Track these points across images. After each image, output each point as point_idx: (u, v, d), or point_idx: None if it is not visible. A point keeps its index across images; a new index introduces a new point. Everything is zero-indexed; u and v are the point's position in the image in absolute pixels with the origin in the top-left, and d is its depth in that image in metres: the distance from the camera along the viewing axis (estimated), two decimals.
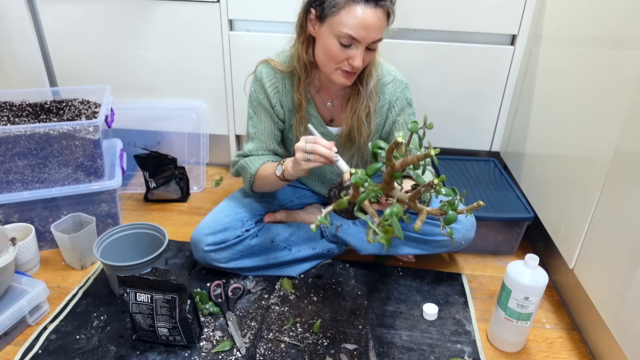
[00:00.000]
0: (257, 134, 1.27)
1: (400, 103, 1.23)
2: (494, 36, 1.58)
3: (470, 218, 1.27)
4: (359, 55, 1.05)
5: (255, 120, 1.26)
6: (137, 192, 1.72)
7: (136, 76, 1.74)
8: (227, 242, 1.24)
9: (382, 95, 1.22)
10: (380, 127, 1.27)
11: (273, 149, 1.29)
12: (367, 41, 1.04)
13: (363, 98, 1.18)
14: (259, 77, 1.23)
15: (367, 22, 1.01)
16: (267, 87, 1.22)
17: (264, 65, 1.23)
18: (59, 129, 1.26)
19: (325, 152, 1.00)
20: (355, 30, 1.02)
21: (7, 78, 1.74)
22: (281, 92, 1.23)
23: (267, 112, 1.25)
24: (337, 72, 1.10)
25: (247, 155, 1.27)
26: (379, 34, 1.05)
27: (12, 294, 1.12)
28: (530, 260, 1.01)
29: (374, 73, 1.18)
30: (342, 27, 1.02)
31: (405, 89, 1.24)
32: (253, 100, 1.25)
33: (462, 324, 1.18)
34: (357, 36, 1.02)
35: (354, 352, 1.08)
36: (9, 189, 1.29)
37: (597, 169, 1.06)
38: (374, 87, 1.19)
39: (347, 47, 1.05)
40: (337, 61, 1.07)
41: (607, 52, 1.08)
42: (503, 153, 1.73)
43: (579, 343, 1.16)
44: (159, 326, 1.03)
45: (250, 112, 1.27)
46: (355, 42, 1.04)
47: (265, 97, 1.23)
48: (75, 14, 1.63)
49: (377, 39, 1.05)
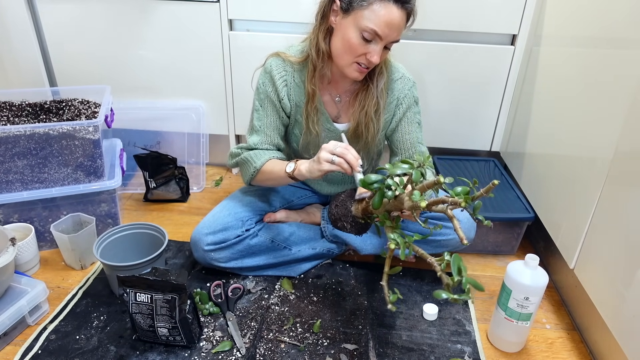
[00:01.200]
0: (262, 127, 1.26)
1: (407, 100, 1.24)
2: (494, 36, 1.58)
3: (470, 218, 1.27)
4: (378, 51, 1.07)
5: (261, 113, 1.26)
6: (137, 192, 1.72)
7: (136, 76, 1.74)
8: (227, 241, 1.24)
9: (391, 92, 1.24)
10: (388, 124, 1.28)
11: (277, 144, 1.28)
12: (388, 39, 1.06)
13: (373, 95, 1.19)
14: (268, 70, 1.23)
15: (393, 20, 1.03)
16: (276, 79, 1.22)
17: (274, 57, 1.23)
18: (59, 129, 1.26)
19: (352, 160, 1.04)
20: (381, 27, 1.03)
21: (7, 78, 1.74)
22: (290, 85, 1.23)
23: (273, 105, 1.24)
24: (352, 66, 1.11)
25: (251, 148, 1.26)
26: (399, 34, 1.08)
27: (12, 294, 1.12)
28: (531, 260, 1.01)
29: (384, 71, 1.20)
30: (368, 22, 1.04)
31: (413, 86, 1.25)
32: (261, 92, 1.25)
33: (462, 324, 1.18)
34: (382, 33, 1.04)
35: (354, 352, 1.08)
36: (9, 189, 1.29)
37: (597, 168, 1.06)
38: (384, 85, 1.20)
39: (368, 42, 1.06)
40: (355, 54, 1.08)
41: (607, 52, 1.08)
42: (503, 153, 1.73)
43: (579, 343, 1.15)
44: (159, 326, 1.03)
45: (257, 105, 1.26)
46: (377, 39, 1.06)
47: (273, 90, 1.23)
48: (75, 14, 1.63)
49: (396, 39, 1.08)
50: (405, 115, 1.25)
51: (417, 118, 1.27)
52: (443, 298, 0.80)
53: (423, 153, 1.27)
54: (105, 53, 1.70)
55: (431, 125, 1.73)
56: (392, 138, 1.29)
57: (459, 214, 1.25)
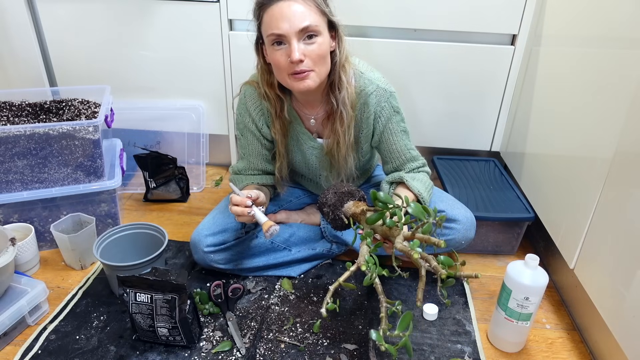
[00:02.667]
0: (245, 155, 1.30)
1: (386, 112, 1.20)
2: (494, 36, 1.58)
3: (470, 217, 1.27)
4: (294, 49, 1.03)
5: (242, 141, 1.29)
6: (137, 192, 1.72)
7: (136, 76, 1.74)
8: (227, 243, 1.24)
9: (367, 106, 1.19)
10: (369, 137, 1.26)
11: (262, 168, 1.31)
12: (292, 32, 1.02)
13: (337, 107, 1.15)
14: (243, 101, 1.24)
15: (283, 14, 1.01)
16: (252, 110, 1.23)
17: (248, 86, 1.23)
18: (59, 129, 1.26)
19: (237, 211, 1.08)
20: (276, 26, 1.02)
21: (7, 78, 1.74)
22: (266, 114, 1.23)
23: (253, 135, 1.26)
24: (290, 80, 1.08)
25: (237, 173, 1.32)
26: (303, 21, 1.02)
27: (12, 294, 1.12)
28: (531, 260, 1.01)
29: (343, 78, 1.13)
30: (267, 32, 1.05)
31: (390, 97, 1.19)
32: (239, 123, 1.27)
33: (462, 324, 1.18)
34: (279, 30, 1.02)
35: (354, 352, 1.08)
36: (9, 189, 1.29)
37: (597, 169, 1.06)
38: (349, 96, 1.15)
39: (282, 49, 1.05)
40: (283, 67, 1.06)
41: (607, 52, 1.08)
42: (503, 153, 1.73)
43: (579, 343, 1.15)
44: (159, 326, 1.03)
45: (238, 134, 1.29)
46: (283, 37, 1.03)
47: (250, 121, 1.24)
48: (75, 14, 1.63)
49: (302, 27, 1.02)
50: (387, 127, 1.21)
51: (400, 127, 1.23)
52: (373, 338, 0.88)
53: (415, 157, 1.26)
54: (105, 53, 1.70)
55: (431, 126, 1.73)
56: (379, 149, 1.29)
57: (460, 214, 1.25)
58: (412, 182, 1.21)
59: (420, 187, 1.21)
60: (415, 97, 1.68)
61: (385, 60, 1.59)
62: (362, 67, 1.19)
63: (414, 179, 1.23)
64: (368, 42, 1.59)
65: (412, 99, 1.67)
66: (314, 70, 1.06)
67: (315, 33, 1.04)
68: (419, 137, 1.71)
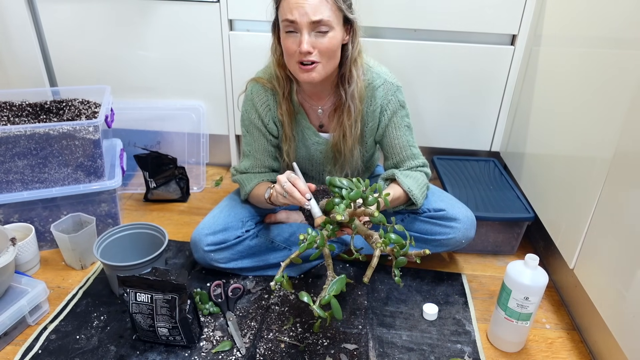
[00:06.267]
0: (251, 152, 1.29)
1: (392, 106, 1.21)
2: (494, 36, 1.58)
3: (470, 216, 1.27)
4: (304, 39, 1.04)
5: (248, 138, 1.28)
6: (137, 192, 1.72)
7: (136, 76, 1.74)
8: (227, 242, 1.24)
9: (374, 99, 1.21)
10: (374, 131, 1.27)
11: (269, 165, 1.31)
12: (304, 21, 1.02)
13: (346, 102, 1.17)
14: (250, 97, 1.24)
15: (299, 3, 1.02)
16: (259, 106, 1.23)
17: (254, 83, 1.24)
18: (59, 129, 1.26)
19: (297, 197, 1.05)
20: (292, 12, 1.02)
21: (7, 78, 1.74)
22: (273, 109, 1.23)
23: (259, 131, 1.26)
24: (297, 69, 1.09)
25: (243, 172, 1.30)
26: (318, 14, 1.02)
27: (12, 294, 1.12)
28: (530, 260, 1.01)
29: (354, 72, 1.14)
30: (282, 16, 1.05)
31: (397, 91, 1.22)
32: (245, 119, 1.27)
33: (462, 324, 1.18)
34: (293, 17, 1.03)
35: (354, 352, 1.08)
36: (9, 189, 1.29)
37: (597, 169, 1.06)
38: (358, 90, 1.16)
39: (294, 36, 1.05)
40: (292, 54, 1.07)
41: (607, 52, 1.08)
42: (503, 153, 1.73)
43: (579, 343, 1.16)
44: (159, 326, 1.03)
45: (243, 131, 1.29)
46: (295, 26, 1.04)
47: (257, 117, 1.24)
48: (75, 14, 1.63)
49: (316, 19, 1.02)
50: (392, 121, 1.23)
51: (405, 122, 1.24)
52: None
53: (415, 155, 1.27)
54: (105, 53, 1.70)
55: (431, 126, 1.73)
56: (381, 143, 1.29)
57: (460, 213, 1.25)
58: (404, 179, 1.22)
59: (411, 184, 1.21)
60: (415, 97, 1.68)
61: (385, 60, 1.57)
62: (370, 61, 1.22)
63: (407, 176, 1.23)
64: (368, 42, 1.58)
65: (412, 98, 1.67)
66: (320, 62, 1.08)
67: (327, 27, 1.05)
68: (419, 137, 1.70)
